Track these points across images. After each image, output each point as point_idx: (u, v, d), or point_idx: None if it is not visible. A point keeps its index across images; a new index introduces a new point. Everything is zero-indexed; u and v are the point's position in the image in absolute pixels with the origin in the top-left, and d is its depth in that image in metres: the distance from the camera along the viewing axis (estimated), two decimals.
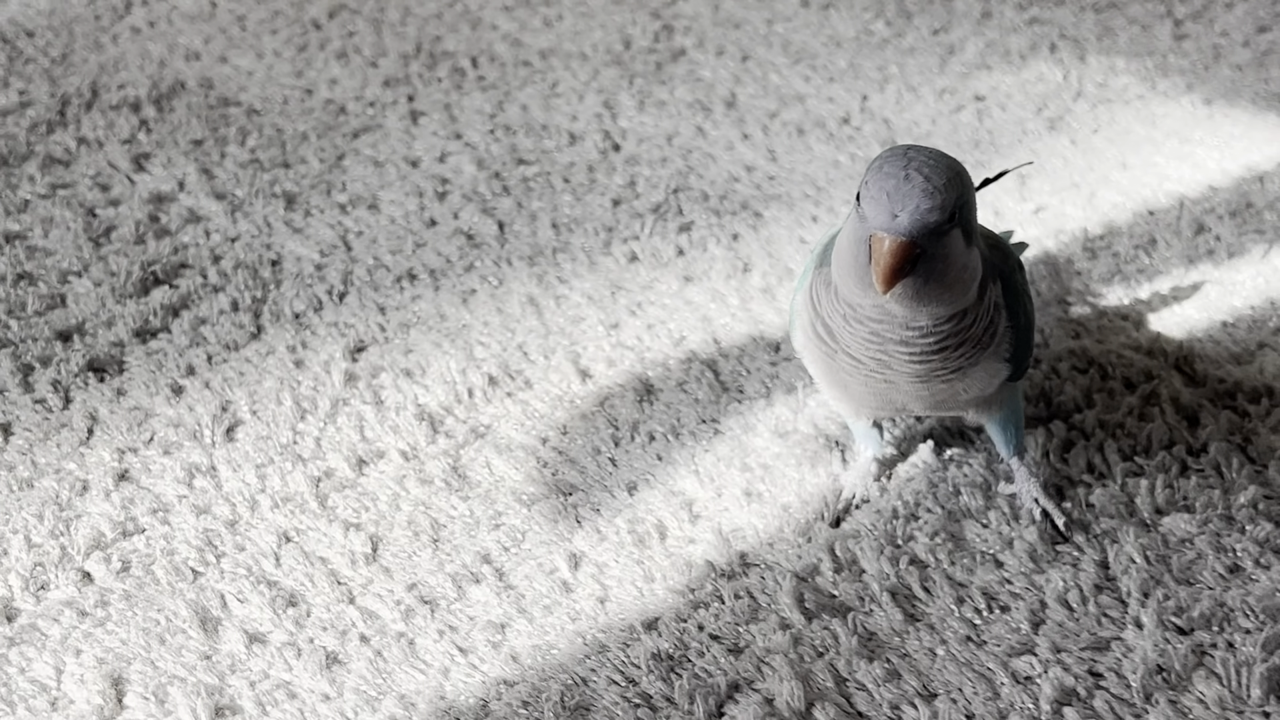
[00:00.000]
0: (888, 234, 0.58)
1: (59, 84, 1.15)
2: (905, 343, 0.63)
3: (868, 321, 0.63)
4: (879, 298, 0.61)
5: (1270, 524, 0.73)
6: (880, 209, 0.58)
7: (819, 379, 0.71)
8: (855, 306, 0.63)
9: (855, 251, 0.60)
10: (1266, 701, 0.64)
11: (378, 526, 0.73)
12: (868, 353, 0.64)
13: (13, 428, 0.77)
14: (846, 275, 0.62)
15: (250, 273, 0.92)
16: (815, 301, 0.66)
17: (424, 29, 1.30)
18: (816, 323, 0.66)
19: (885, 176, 0.59)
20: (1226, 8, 1.41)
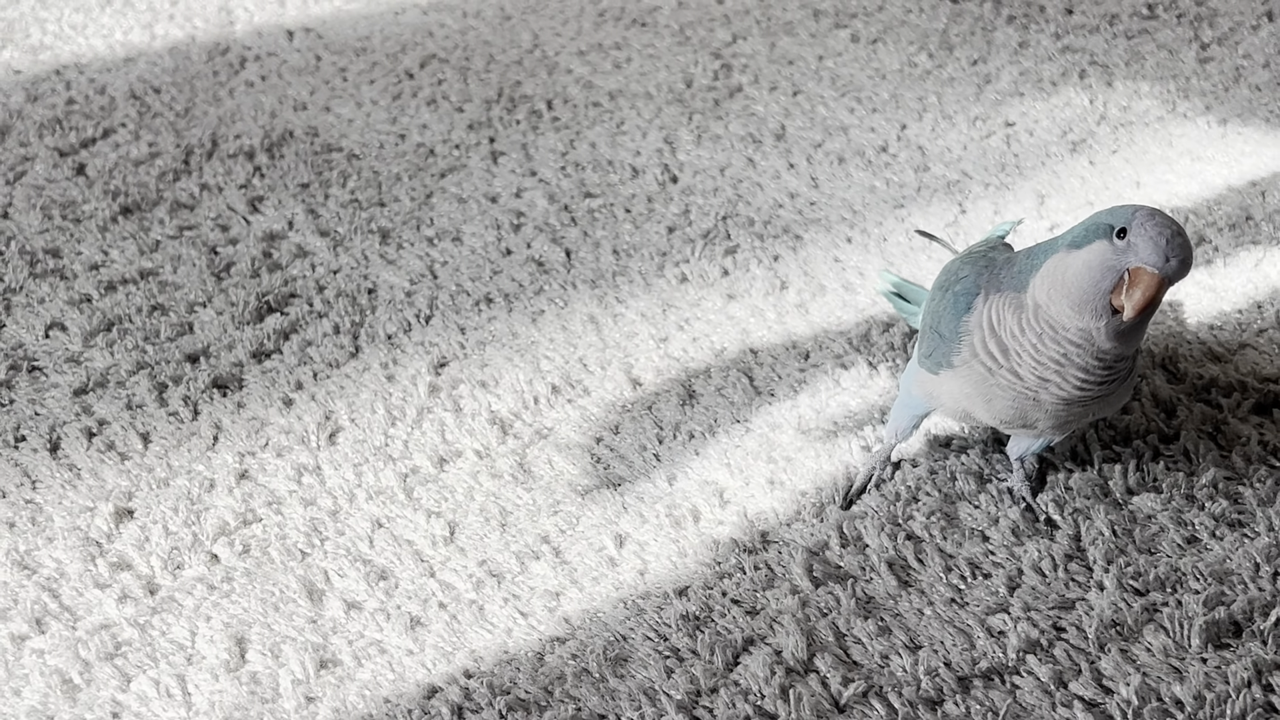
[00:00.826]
0: (1157, 270, 0.70)
1: (183, 135, 1.30)
2: (1086, 369, 0.74)
3: (1065, 343, 0.74)
4: (1097, 322, 0.72)
5: (1227, 500, 0.84)
6: (1156, 250, 0.70)
7: (952, 391, 0.80)
8: (1061, 328, 0.73)
9: (1099, 278, 0.71)
10: (1205, 649, 0.75)
11: (455, 514, 0.86)
12: (1039, 371, 0.75)
13: (151, 436, 0.92)
14: (1072, 298, 0.72)
15: (349, 300, 1.06)
16: (993, 323, 0.76)
17: (505, 74, 1.43)
18: (989, 341, 0.76)
19: (1159, 226, 0.70)
20: (1253, 30, 1.50)
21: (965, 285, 0.79)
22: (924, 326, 0.83)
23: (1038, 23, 1.54)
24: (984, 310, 0.77)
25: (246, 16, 1.58)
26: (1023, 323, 0.75)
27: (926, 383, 0.82)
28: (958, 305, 0.79)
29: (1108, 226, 0.71)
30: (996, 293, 0.77)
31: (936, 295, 0.83)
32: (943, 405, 0.82)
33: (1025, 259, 0.77)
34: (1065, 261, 0.73)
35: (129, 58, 1.47)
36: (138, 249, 1.12)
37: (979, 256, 0.82)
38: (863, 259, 1.11)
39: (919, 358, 0.83)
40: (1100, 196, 1.18)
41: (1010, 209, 1.16)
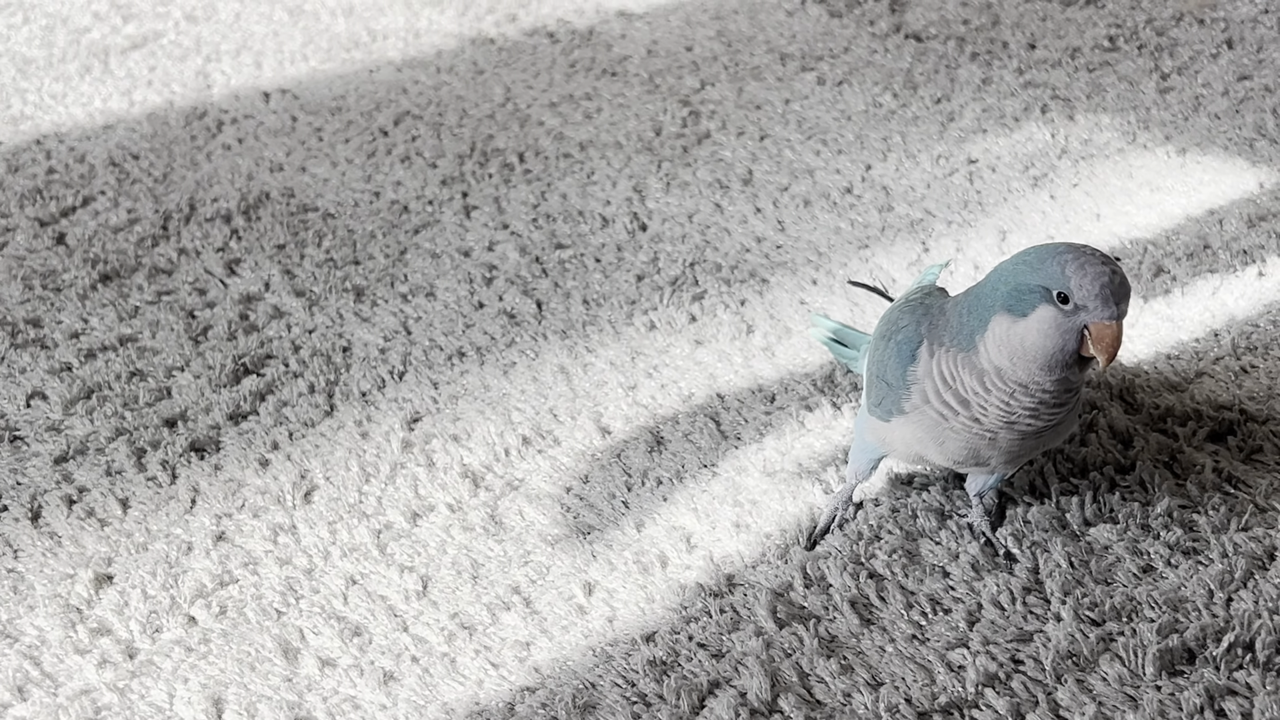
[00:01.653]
0: (1114, 320, 0.72)
1: (161, 201, 1.33)
2: (1038, 406, 0.76)
3: (1039, 394, 0.76)
4: (1070, 373, 0.75)
5: (1181, 529, 0.86)
6: (1107, 305, 0.72)
7: (904, 436, 0.82)
8: (1035, 385, 0.75)
9: (1063, 343, 0.73)
10: (1159, 677, 0.76)
11: (428, 568, 0.88)
12: (998, 418, 0.77)
13: (130, 502, 0.94)
14: (1040, 362, 0.74)
15: (324, 359, 1.08)
16: (945, 377, 0.78)
17: (478, 129, 1.46)
18: (944, 393, 0.78)
19: (1095, 278, 0.71)
20: (1212, 58, 1.52)
21: (906, 335, 0.81)
22: (870, 374, 0.85)
23: (1000, 59, 1.56)
24: (931, 363, 0.79)
25: (224, 80, 1.61)
26: (986, 384, 0.76)
27: (878, 429, 0.84)
28: (901, 354, 0.81)
29: (1043, 290, 0.73)
30: (940, 346, 0.78)
31: (879, 344, 0.84)
32: (895, 449, 0.84)
33: (959, 314, 0.78)
34: (1015, 330, 0.74)
35: (108, 125, 1.50)
36: (117, 316, 1.14)
37: (916, 304, 0.84)
38: (828, 300, 1.13)
39: (869, 405, 0.85)
40: (1060, 230, 1.20)
41: (972, 245, 1.19)
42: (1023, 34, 1.63)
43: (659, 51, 1.64)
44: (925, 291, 0.87)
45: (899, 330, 0.82)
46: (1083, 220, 1.22)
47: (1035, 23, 1.67)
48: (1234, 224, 1.19)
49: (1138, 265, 1.14)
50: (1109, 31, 1.62)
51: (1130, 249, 1.17)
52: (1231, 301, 1.09)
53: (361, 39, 1.72)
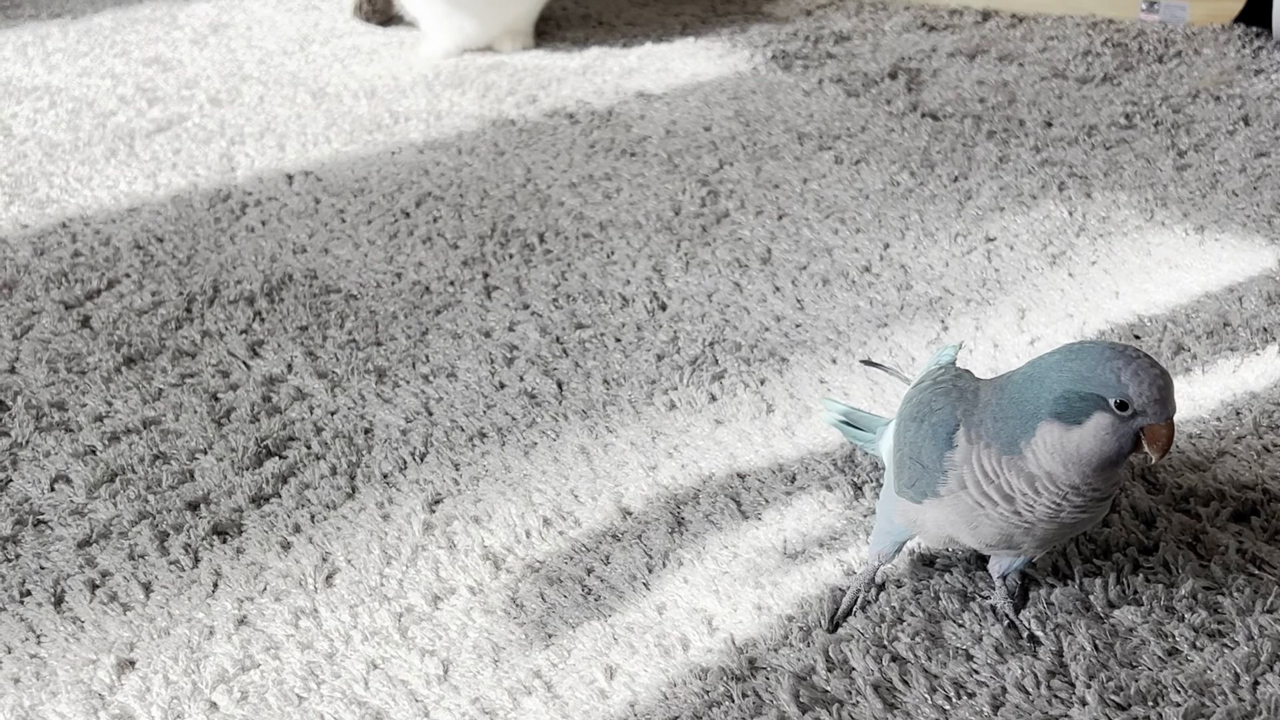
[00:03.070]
0: (1167, 420, 0.73)
1: (185, 283, 1.34)
2: (1088, 504, 0.77)
3: (1089, 493, 0.76)
4: (1114, 473, 0.76)
5: (1206, 611, 0.85)
6: (1162, 408, 0.73)
7: (937, 519, 0.81)
8: (1087, 486, 0.75)
9: (1120, 447, 0.73)
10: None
11: (449, 652, 0.87)
12: (1044, 515, 0.77)
13: (152, 586, 0.94)
14: (1094, 466, 0.74)
15: (346, 441, 1.08)
16: (987, 472, 0.77)
17: (499, 209, 1.47)
18: (986, 486, 0.78)
19: (1152, 381, 0.72)
20: (1229, 135, 1.53)
21: (942, 418, 0.81)
22: (899, 456, 0.84)
23: (1017, 137, 1.57)
24: (970, 451, 0.78)
25: (247, 162, 1.63)
26: (1038, 488, 0.76)
27: (908, 510, 0.84)
28: (938, 438, 0.80)
29: (1097, 399, 0.73)
30: (980, 440, 0.78)
31: (910, 426, 0.84)
32: (925, 531, 0.84)
33: (998, 413, 0.78)
34: (1070, 438, 0.74)
35: (133, 208, 1.52)
36: (141, 398, 1.15)
37: (948, 387, 0.84)
38: (847, 380, 1.13)
39: (899, 487, 0.84)
40: (1080, 308, 1.20)
41: (991, 324, 1.19)
42: (1039, 112, 1.64)
43: (678, 131, 1.66)
44: (953, 374, 0.86)
45: (933, 413, 0.82)
46: (1102, 298, 1.22)
47: (1051, 100, 1.68)
48: (1253, 301, 1.19)
49: (1157, 343, 1.14)
50: (1125, 109, 1.64)
51: (1150, 327, 1.17)
52: (1252, 380, 1.09)
53: (384, 121, 1.74)
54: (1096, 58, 1.82)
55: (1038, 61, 1.83)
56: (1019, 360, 1.13)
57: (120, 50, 2.11)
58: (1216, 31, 1.89)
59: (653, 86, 1.82)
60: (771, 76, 1.83)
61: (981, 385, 0.82)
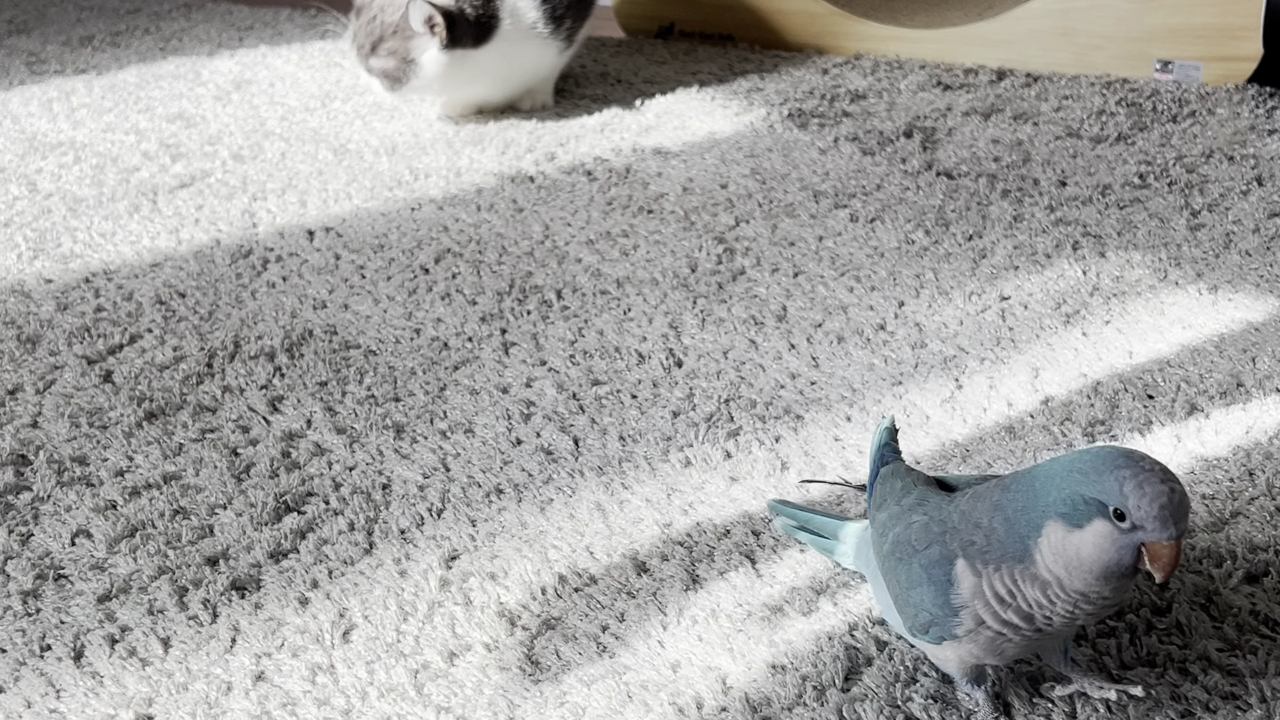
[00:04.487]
0: (1171, 541, 0.71)
1: (206, 339, 1.35)
2: (1100, 610, 0.76)
3: (1099, 600, 0.74)
4: (1130, 581, 0.74)
5: (1220, 673, 0.85)
6: (1164, 526, 0.70)
7: (960, 655, 0.79)
8: (1095, 593, 0.73)
9: (1119, 558, 0.71)
10: None
11: (464, 709, 0.88)
12: (1062, 624, 0.76)
13: (171, 641, 0.95)
14: (1096, 574, 0.72)
15: (364, 497, 1.09)
16: (1001, 596, 0.75)
17: (517, 266, 1.49)
18: (1004, 612, 0.76)
19: (1155, 497, 0.70)
20: (1242, 195, 1.54)
21: (931, 557, 0.78)
22: (891, 594, 0.82)
23: (1031, 195, 1.58)
24: (980, 583, 0.76)
25: (269, 218, 1.65)
26: (1050, 595, 0.74)
27: (930, 650, 0.82)
28: (935, 580, 0.78)
29: (1099, 504, 0.71)
30: (987, 565, 0.76)
31: (892, 564, 0.81)
32: (950, 665, 0.82)
33: (1001, 520, 0.76)
34: (1071, 541, 0.72)
35: (155, 263, 1.54)
36: (161, 453, 1.16)
37: (919, 515, 0.81)
38: (862, 437, 1.14)
39: (908, 628, 0.82)
40: (1093, 367, 1.21)
41: (1005, 383, 1.20)
42: (1053, 171, 1.66)
43: (694, 189, 1.67)
44: (908, 490, 0.84)
45: (917, 552, 0.79)
46: (1115, 358, 1.23)
47: (1066, 160, 1.69)
48: (1267, 362, 1.20)
49: (1171, 403, 1.15)
50: (1139, 169, 1.65)
51: (1163, 387, 1.17)
52: (1266, 440, 1.10)
53: (404, 177, 1.76)
54: (1111, 117, 1.84)
55: (1052, 121, 1.84)
56: (1033, 419, 1.14)
57: (144, 106, 2.13)
58: (1230, 91, 1.90)
59: (670, 144, 1.84)
60: (787, 134, 1.85)
61: (958, 499, 0.80)
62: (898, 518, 0.83)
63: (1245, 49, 1.91)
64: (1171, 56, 1.97)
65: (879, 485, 0.88)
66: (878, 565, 0.84)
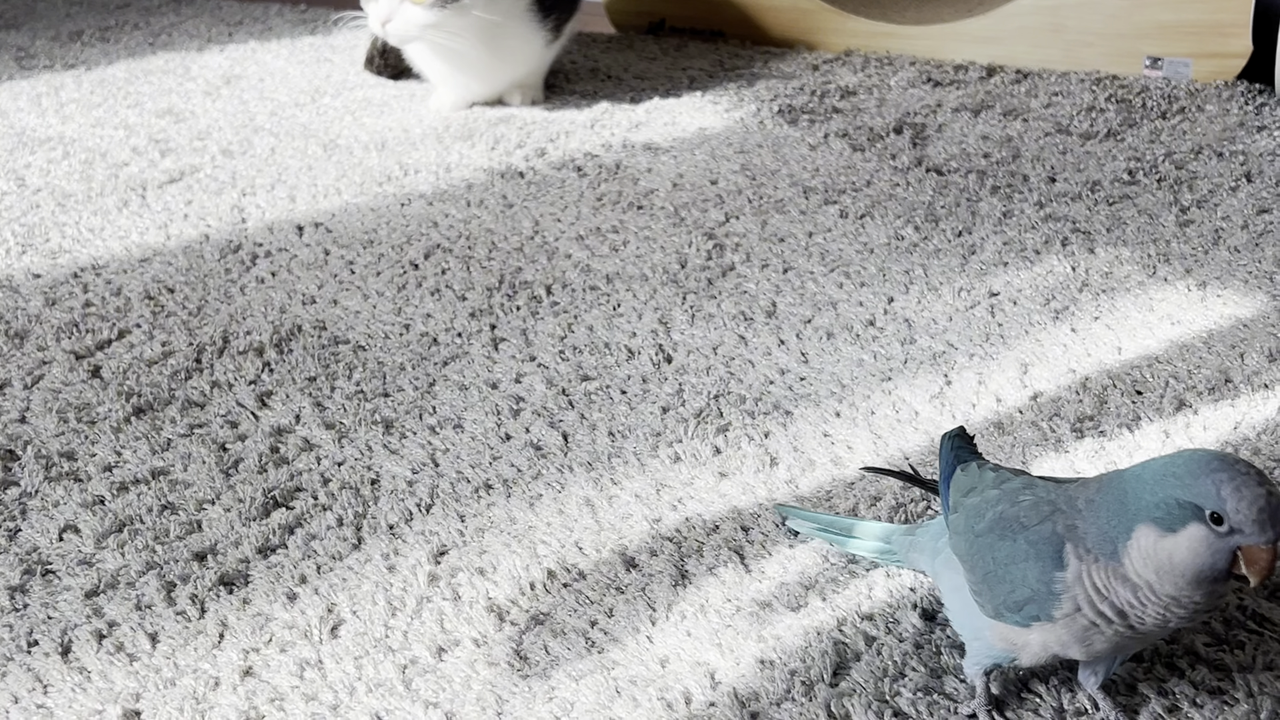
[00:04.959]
0: (1269, 545, 0.69)
1: (195, 334, 1.35)
2: (1193, 615, 0.74)
3: (1190, 605, 0.73)
4: (1222, 587, 0.72)
5: (1207, 668, 0.86)
6: (1262, 530, 0.69)
7: (1045, 641, 0.78)
8: (1186, 598, 0.73)
9: (1214, 563, 0.70)
10: None
11: (452, 704, 0.88)
12: (1154, 626, 0.75)
13: (159, 636, 0.95)
14: (1188, 579, 0.71)
15: (353, 492, 1.09)
16: (1100, 589, 0.74)
17: (507, 262, 1.49)
18: (1100, 605, 0.75)
19: (1254, 500, 0.69)
20: (1231, 191, 1.54)
21: (1043, 534, 0.77)
22: (983, 574, 0.80)
23: (1021, 192, 1.59)
24: (1082, 571, 0.75)
25: (258, 213, 1.64)
26: (1141, 598, 0.74)
27: (1009, 634, 0.80)
28: (1043, 557, 0.76)
29: (1194, 508, 0.70)
30: (1087, 554, 0.75)
31: (989, 540, 0.80)
32: (1029, 652, 0.80)
33: (1101, 514, 0.75)
34: (1163, 546, 0.71)
35: (144, 258, 1.53)
36: (150, 449, 1.16)
37: (1020, 490, 0.81)
38: (851, 433, 1.14)
39: (994, 609, 0.80)
40: (1082, 363, 1.21)
41: (994, 378, 1.20)
42: (1043, 167, 1.66)
43: (685, 185, 1.67)
44: (1016, 477, 0.83)
45: (1026, 529, 0.78)
46: (1104, 353, 1.23)
47: (1055, 156, 1.70)
48: (1255, 358, 1.20)
49: (1159, 399, 1.15)
50: (1129, 165, 1.65)
51: (1152, 382, 1.18)
52: (1254, 436, 1.10)
53: (394, 173, 1.76)
54: (1100, 113, 1.84)
55: (1042, 117, 1.84)
56: (1021, 415, 1.14)
57: (134, 101, 2.13)
58: (1219, 88, 1.90)
59: (660, 140, 1.84)
60: (778, 131, 1.85)
61: (1069, 488, 0.79)
62: (1000, 499, 0.81)
63: (1234, 46, 1.91)
64: (1161, 53, 1.97)
65: (961, 477, 0.86)
66: (963, 547, 0.82)
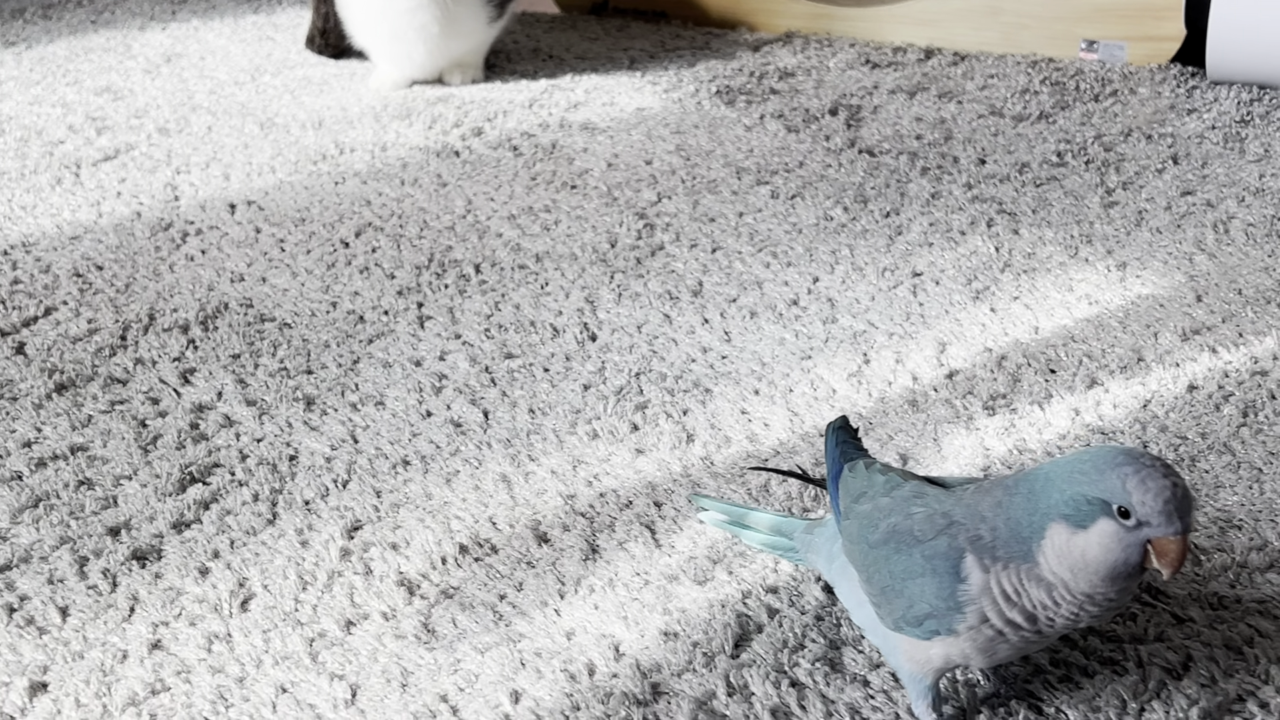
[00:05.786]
0: (1178, 535, 0.69)
1: (122, 311, 1.35)
2: (1103, 613, 0.74)
3: (1104, 602, 0.73)
4: (1134, 582, 0.72)
5: (1099, 638, 0.87)
6: (1170, 521, 0.69)
7: (948, 653, 0.77)
8: (1100, 595, 0.72)
9: (1125, 557, 0.70)
10: None
11: (358, 676, 0.89)
12: (1064, 626, 0.75)
13: (69, 610, 0.95)
14: (1102, 575, 0.71)
15: (270, 468, 1.10)
16: (1008, 594, 0.74)
17: (438, 240, 1.49)
18: (1009, 611, 0.74)
19: (1158, 493, 0.69)
20: (1157, 173, 1.56)
21: (938, 549, 0.76)
22: (881, 587, 0.79)
23: (951, 173, 1.60)
24: (988, 579, 0.74)
25: (191, 192, 1.64)
26: (1055, 597, 0.73)
27: (912, 649, 0.79)
28: (941, 573, 0.75)
29: (1103, 504, 0.70)
30: (995, 562, 0.74)
31: (885, 553, 0.78)
32: (931, 664, 0.79)
33: (1008, 519, 0.74)
34: (1075, 543, 0.71)
35: (75, 236, 1.53)
36: (70, 425, 1.16)
37: (909, 499, 0.79)
38: (768, 410, 1.15)
39: (893, 622, 0.78)
40: (999, 342, 1.23)
41: (912, 357, 1.21)
42: (974, 149, 1.67)
43: (619, 165, 1.68)
44: (899, 481, 0.82)
45: (920, 543, 0.77)
46: (1021, 333, 1.24)
47: (987, 138, 1.71)
48: (1168, 337, 1.22)
49: (1072, 377, 1.16)
50: (1058, 147, 1.66)
51: (1066, 361, 1.19)
52: (1162, 414, 1.11)
53: (329, 152, 1.76)
54: (1034, 96, 1.85)
55: (976, 99, 1.86)
56: (936, 393, 1.15)
57: (73, 79, 2.12)
58: (1154, 71, 1.92)
59: (597, 120, 1.85)
60: (715, 111, 1.86)
61: (964, 495, 0.78)
62: (891, 509, 0.80)
63: (1168, 29, 1.93)
64: (1097, 36, 1.99)
65: (850, 479, 0.85)
66: (858, 557, 0.81)
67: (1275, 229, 1.41)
